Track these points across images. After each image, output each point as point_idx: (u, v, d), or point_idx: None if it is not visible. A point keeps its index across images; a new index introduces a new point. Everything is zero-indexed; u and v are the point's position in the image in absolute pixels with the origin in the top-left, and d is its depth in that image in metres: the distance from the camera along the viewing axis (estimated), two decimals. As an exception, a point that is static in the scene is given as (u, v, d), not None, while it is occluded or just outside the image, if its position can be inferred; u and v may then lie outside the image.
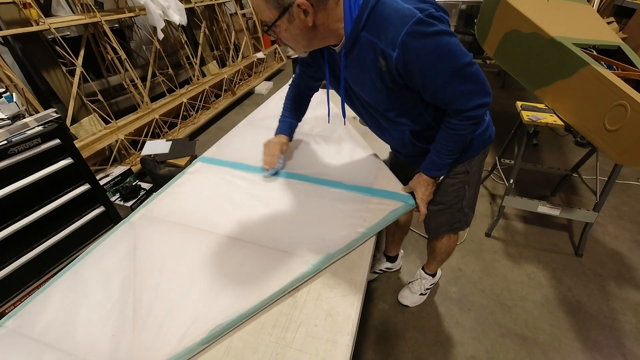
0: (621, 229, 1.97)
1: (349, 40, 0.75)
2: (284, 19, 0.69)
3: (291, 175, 1.12)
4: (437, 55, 0.70)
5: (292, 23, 0.70)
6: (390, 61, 0.71)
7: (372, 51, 0.74)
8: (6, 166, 1.21)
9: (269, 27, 0.71)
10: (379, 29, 0.70)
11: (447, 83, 0.74)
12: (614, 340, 1.40)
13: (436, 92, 0.77)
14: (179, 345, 0.66)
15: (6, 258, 1.29)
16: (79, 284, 0.81)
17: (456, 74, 0.73)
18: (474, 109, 0.78)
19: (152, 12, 2.58)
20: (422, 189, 0.98)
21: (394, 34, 0.68)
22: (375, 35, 0.71)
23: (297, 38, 0.74)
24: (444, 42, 0.69)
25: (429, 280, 1.52)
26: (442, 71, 0.72)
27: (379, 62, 0.74)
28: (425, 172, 0.96)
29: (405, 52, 0.69)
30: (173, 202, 1.04)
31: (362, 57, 0.77)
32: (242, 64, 4.07)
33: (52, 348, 0.68)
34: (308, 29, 0.71)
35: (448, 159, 0.90)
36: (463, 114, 0.80)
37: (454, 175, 1.04)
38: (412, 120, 0.89)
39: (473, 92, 0.77)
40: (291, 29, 0.71)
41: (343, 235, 0.87)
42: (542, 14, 1.77)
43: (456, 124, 0.82)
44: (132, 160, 2.46)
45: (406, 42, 0.67)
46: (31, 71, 2.36)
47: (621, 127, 1.21)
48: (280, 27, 0.71)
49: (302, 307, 0.74)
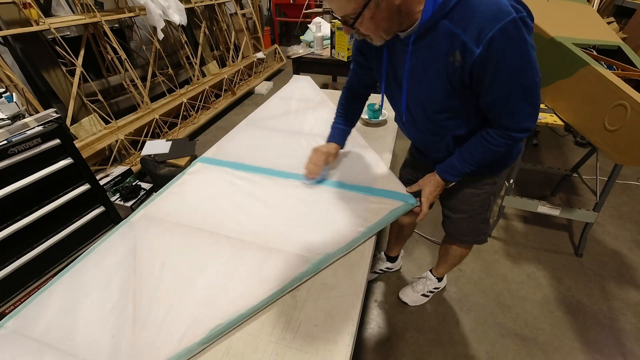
0: (621, 229, 1.97)
1: (424, 26, 0.68)
2: (371, 5, 0.63)
3: (291, 175, 1.12)
4: (517, 65, 0.66)
5: (379, 7, 0.64)
6: (470, 57, 0.65)
7: (448, 43, 0.67)
8: (6, 166, 1.21)
9: (355, 18, 0.66)
10: (465, 20, 0.64)
11: (511, 96, 0.70)
12: (614, 340, 1.40)
13: (497, 101, 0.72)
14: (179, 345, 0.66)
15: (6, 258, 1.29)
16: (79, 284, 0.81)
17: (524, 90, 0.69)
18: (521, 131, 0.76)
19: (152, 12, 2.58)
20: (431, 188, 0.95)
21: (483, 28, 0.62)
22: (458, 26, 0.65)
23: (381, 23, 0.68)
24: (527, 52, 0.65)
25: (433, 283, 1.52)
26: (512, 82, 0.68)
27: (454, 56, 0.68)
28: (440, 173, 0.93)
29: (489, 51, 0.63)
30: (173, 202, 1.04)
31: (433, 47, 0.70)
32: (242, 64, 4.07)
33: (52, 348, 0.68)
34: (395, 10, 0.66)
35: (468, 168, 0.87)
36: (508, 132, 0.76)
37: (481, 185, 1.02)
38: (460, 124, 0.84)
39: (528, 114, 0.73)
40: (377, 14, 0.66)
41: (343, 235, 0.87)
42: (542, 14, 1.77)
43: (495, 138, 0.79)
44: (132, 160, 2.46)
45: (495, 40, 0.62)
46: (31, 71, 2.36)
47: (621, 127, 1.21)
48: (365, 16, 0.66)
49: (302, 307, 0.74)
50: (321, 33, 2.53)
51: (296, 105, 1.61)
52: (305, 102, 1.63)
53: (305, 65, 2.49)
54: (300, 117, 1.48)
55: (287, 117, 1.50)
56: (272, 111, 1.58)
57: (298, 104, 1.61)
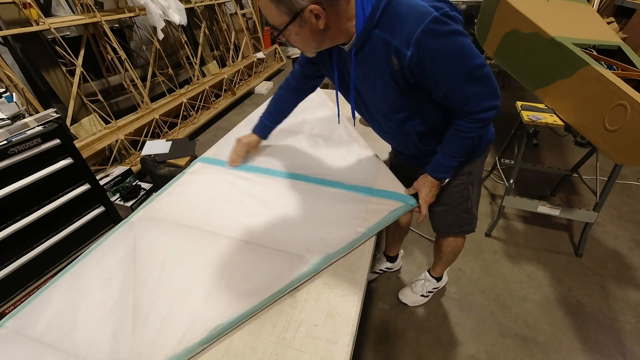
0: (621, 229, 1.97)
1: (360, 39, 0.73)
2: (295, 24, 0.67)
3: (291, 175, 1.12)
4: (452, 55, 0.69)
5: (304, 27, 0.68)
6: (404, 60, 0.70)
7: (384, 49, 0.72)
8: (6, 166, 1.21)
9: (279, 31, 0.70)
10: (393, 27, 0.69)
11: (460, 84, 0.73)
12: (614, 340, 1.40)
13: (448, 92, 0.76)
14: (179, 345, 0.66)
15: (6, 258, 1.29)
16: (79, 284, 0.81)
17: (469, 75, 0.72)
18: (484, 112, 0.78)
19: (152, 12, 2.58)
20: (427, 189, 0.97)
21: (409, 32, 0.66)
22: (388, 33, 0.70)
23: (307, 41, 0.73)
24: (458, 42, 0.69)
25: (432, 283, 1.52)
26: (455, 72, 0.71)
27: (392, 60, 0.72)
28: (431, 173, 0.95)
29: (419, 51, 0.67)
30: (173, 202, 1.04)
31: (373, 55, 0.75)
32: (242, 64, 4.07)
33: (52, 348, 0.68)
34: (319, 32, 0.70)
35: (455, 161, 0.90)
36: (473, 116, 0.79)
37: (458, 176, 1.05)
38: (419, 121, 0.88)
39: (484, 94, 0.76)
40: (302, 33, 0.70)
41: (343, 235, 0.87)
42: (542, 14, 1.77)
43: (465, 126, 0.82)
44: (132, 160, 2.46)
45: (421, 40, 0.66)
46: (31, 71, 2.36)
47: (621, 127, 1.21)
48: (290, 31, 0.70)
49: (302, 307, 0.74)
50: (321, 33, 2.53)
51: (296, 105, 1.61)
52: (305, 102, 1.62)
53: (305, 65, 2.49)
54: (300, 117, 1.48)
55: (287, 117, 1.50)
56: (272, 111, 1.57)
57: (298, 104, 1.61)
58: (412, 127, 0.90)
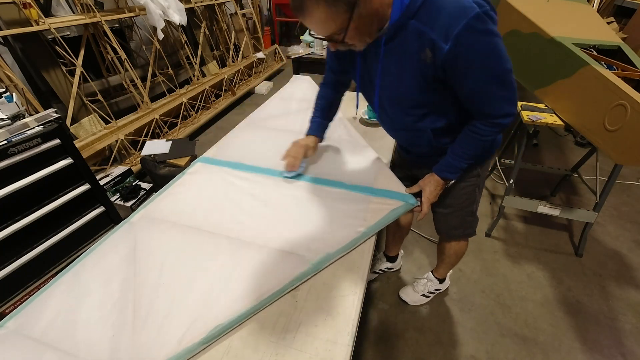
0: (621, 229, 1.97)
1: (394, 27, 0.70)
2: (354, 17, 0.65)
3: (291, 175, 1.12)
4: (487, 56, 0.69)
5: (362, 16, 0.66)
6: (439, 54, 0.68)
7: (418, 41, 0.70)
8: (6, 166, 1.21)
9: (345, 32, 0.67)
10: (432, 18, 0.67)
11: (488, 85, 0.73)
12: (614, 340, 1.40)
13: (473, 92, 0.75)
14: (179, 345, 0.66)
15: (6, 258, 1.29)
16: (79, 284, 0.81)
17: (498, 78, 0.72)
18: (503, 117, 0.78)
19: (152, 12, 2.58)
20: (431, 188, 0.96)
21: (449, 26, 0.65)
22: (426, 24, 0.67)
23: (364, 30, 0.70)
24: (495, 43, 0.68)
25: (434, 284, 1.52)
26: (486, 72, 0.71)
27: (425, 53, 0.70)
28: (438, 173, 0.94)
29: (457, 46, 0.66)
30: (173, 203, 1.04)
31: (404, 47, 0.73)
32: (242, 64, 4.07)
33: (52, 348, 0.68)
34: (374, 14, 0.68)
35: (464, 163, 0.89)
36: (491, 120, 0.79)
37: (467, 178, 1.04)
38: (437, 118, 0.87)
39: (506, 99, 0.76)
40: (361, 23, 0.67)
41: (343, 235, 0.87)
42: (542, 14, 1.78)
43: (482, 128, 0.81)
44: (132, 160, 2.46)
45: (462, 35, 0.65)
46: (31, 71, 2.36)
47: (621, 127, 1.21)
48: (350, 29, 0.67)
49: (302, 307, 0.74)
50: (321, 33, 2.53)
51: (296, 105, 1.61)
52: (306, 102, 1.63)
53: (305, 65, 2.49)
54: (300, 117, 1.48)
55: (287, 117, 1.50)
56: (272, 111, 1.58)
57: (298, 104, 1.61)
58: (429, 123, 0.88)
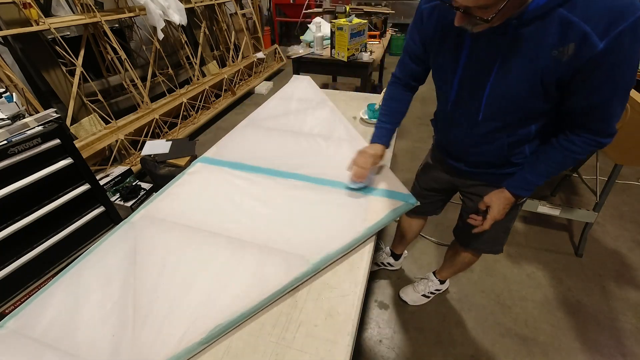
0: (621, 229, 1.97)
1: (534, 13, 0.60)
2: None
3: (291, 175, 1.12)
4: (629, 65, 0.60)
5: None
6: (588, 52, 0.58)
7: (560, 34, 0.59)
8: (6, 166, 1.21)
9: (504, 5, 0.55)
10: (589, 9, 0.56)
11: (614, 98, 0.65)
12: (614, 340, 1.40)
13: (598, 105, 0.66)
14: (179, 345, 0.66)
15: (6, 258, 1.29)
16: (79, 285, 0.81)
17: (624, 93, 0.64)
18: (609, 136, 0.70)
19: (152, 12, 2.58)
20: (500, 206, 0.88)
21: (612, 21, 0.55)
22: (579, 15, 0.57)
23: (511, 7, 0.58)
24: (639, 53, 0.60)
25: (435, 284, 1.52)
26: (620, 84, 0.63)
27: (565, 48, 0.60)
28: (512, 189, 0.86)
29: (615, 47, 0.56)
30: (173, 203, 1.04)
31: (538, 37, 0.62)
32: (242, 64, 4.07)
33: (52, 348, 0.68)
34: None
35: (542, 179, 0.81)
36: (597, 138, 0.71)
37: None
38: (520, 127, 0.78)
39: (618, 117, 0.68)
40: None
41: (343, 235, 0.87)
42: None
43: (581, 146, 0.72)
44: (132, 160, 2.46)
45: (625, 35, 0.55)
46: (31, 71, 2.36)
47: (621, 127, 1.21)
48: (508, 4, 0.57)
49: (302, 307, 0.74)
50: (321, 33, 2.52)
51: (296, 105, 1.61)
52: (305, 102, 1.63)
53: (305, 65, 2.49)
54: (300, 117, 1.48)
55: (287, 117, 1.50)
56: (272, 111, 1.58)
57: (298, 104, 1.61)
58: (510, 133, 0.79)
